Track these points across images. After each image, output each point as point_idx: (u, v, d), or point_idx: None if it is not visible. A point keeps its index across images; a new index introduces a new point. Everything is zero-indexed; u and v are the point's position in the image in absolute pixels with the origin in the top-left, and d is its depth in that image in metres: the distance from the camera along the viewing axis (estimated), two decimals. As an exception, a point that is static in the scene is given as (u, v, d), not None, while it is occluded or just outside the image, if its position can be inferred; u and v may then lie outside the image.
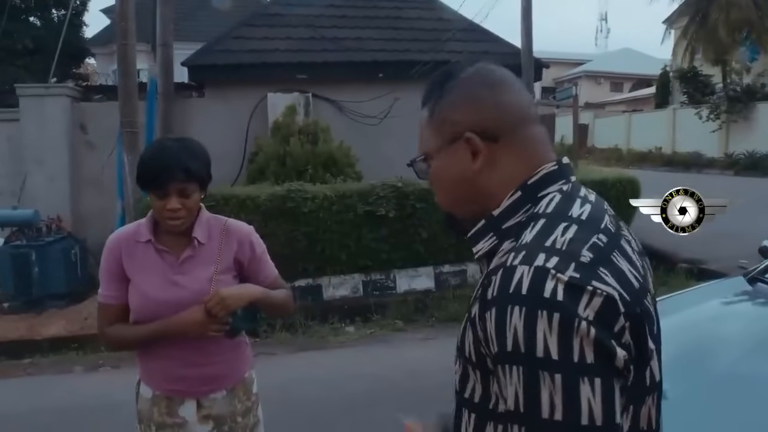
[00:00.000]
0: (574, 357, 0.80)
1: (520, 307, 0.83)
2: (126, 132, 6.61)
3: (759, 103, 23.69)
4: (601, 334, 0.82)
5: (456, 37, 9.08)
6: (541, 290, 0.83)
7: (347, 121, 8.52)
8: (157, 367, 1.95)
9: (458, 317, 6.04)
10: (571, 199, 0.99)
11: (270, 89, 8.27)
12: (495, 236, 1.02)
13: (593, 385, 0.80)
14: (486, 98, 1.04)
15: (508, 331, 0.84)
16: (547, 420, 0.80)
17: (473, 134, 1.03)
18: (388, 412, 3.90)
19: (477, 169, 1.03)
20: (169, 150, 1.84)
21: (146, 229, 1.94)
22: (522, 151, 1.04)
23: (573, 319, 0.81)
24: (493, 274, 0.90)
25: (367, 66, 8.68)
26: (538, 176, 1.02)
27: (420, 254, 6.84)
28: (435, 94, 1.10)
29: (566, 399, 0.79)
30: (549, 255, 0.87)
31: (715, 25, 23.90)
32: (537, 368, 0.81)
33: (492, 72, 1.07)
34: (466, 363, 0.99)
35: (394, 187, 6.71)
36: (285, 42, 8.63)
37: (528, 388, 0.82)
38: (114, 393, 4.44)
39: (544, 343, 0.81)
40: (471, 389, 0.99)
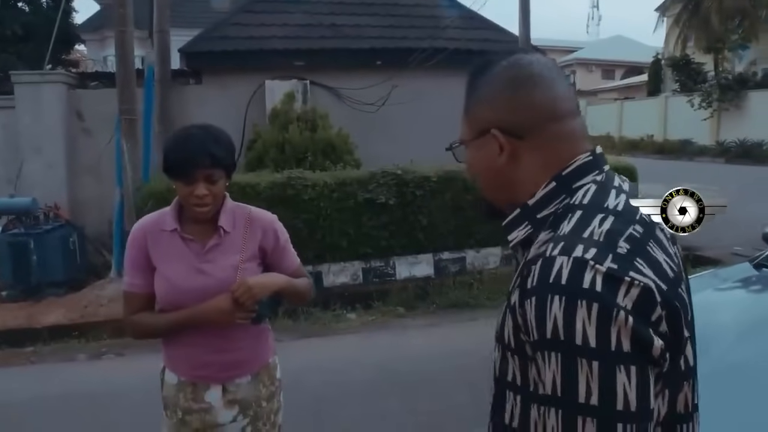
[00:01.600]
0: (611, 345, 0.83)
1: (560, 296, 0.86)
2: (124, 119, 6.58)
3: (750, 91, 23.82)
4: (638, 323, 0.84)
5: (454, 25, 9.06)
6: (580, 281, 0.86)
7: (345, 108, 8.51)
8: (183, 354, 1.96)
9: (458, 304, 6.12)
10: (606, 190, 1.01)
11: (268, 76, 8.24)
12: (530, 225, 1.04)
13: (629, 372, 0.83)
14: (513, 96, 1.06)
15: (548, 319, 0.86)
16: (583, 404, 0.83)
17: (498, 131, 1.06)
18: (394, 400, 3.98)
19: (502, 163, 1.07)
20: (195, 137, 1.84)
21: (171, 218, 1.94)
22: (548, 147, 1.05)
23: (611, 309, 0.84)
24: (533, 263, 0.93)
25: (365, 53, 8.65)
26: (573, 167, 1.04)
27: (420, 241, 6.86)
28: (470, 86, 1.13)
29: (602, 385, 0.82)
30: (587, 246, 0.89)
31: (708, 13, 23.96)
32: (575, 355, 0.84)
33: (523, 68, 1.07)
34: (505, 349, 1.02)
35: (394, 175, 6.71)
36: (283, 29, 8.58)
37: (566, 374, 0.85)
38: (119, 380, 4.47)
39: (582, 332, 0.84)
40: (512, 374, 1.02)
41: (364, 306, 6.13)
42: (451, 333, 5.38)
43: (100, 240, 7.55)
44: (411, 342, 4.98)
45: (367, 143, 7.97)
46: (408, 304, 6.17)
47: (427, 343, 5.04)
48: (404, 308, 6.09)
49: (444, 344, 5.00)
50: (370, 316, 5.90)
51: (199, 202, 1.84)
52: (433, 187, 6.80)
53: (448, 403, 3.95)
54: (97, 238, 7.57)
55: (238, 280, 1.85)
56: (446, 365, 4.49)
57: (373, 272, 6.70)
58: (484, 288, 6.45)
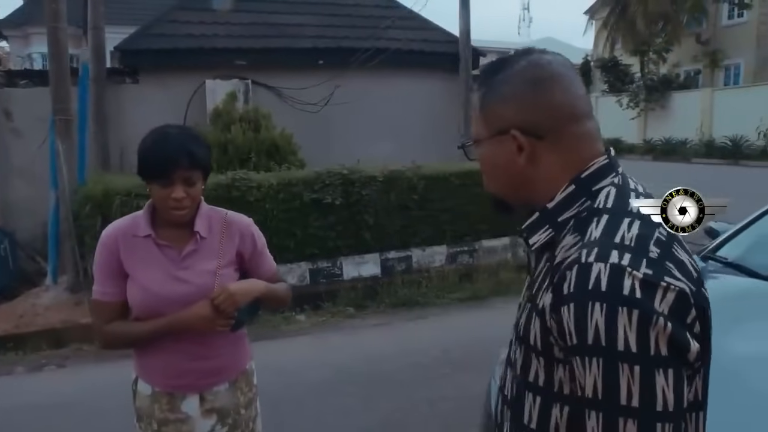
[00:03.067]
0: (650, 350, 0.86)
1: (601, 303, 0.87)
2: (59, 119, 6.31)
3: (674, 92, 24.92)
4: (676, 328, 0.87)
5: (395, 25, 9.11)
6: (620, 288, 0.87)
7: (288, 108, 8.43)
8: (158, 363, 1.88)
9: (408, 302, 6.16)
10: (625, 192, 1.03)
11: (208, 75, 8.08)
12: (551, 229, 1.05)
13: (667, 375, 0.86)
14: (534, 97, 1.06)
15: (589, 326, 0.88)
16: (625, 406, 0.86)
17: (518, 131, 1.06)
18: (352, 399, 3.97)
19: (522, 164, 1.07)
20: (172, 137, 1.78)
21: (145, 223, 1.86)
22: (569, 147, 1.06)
23: (651, 316, 0.86)
24: (568, 269, 0.93)
25: (307, 53, 8.60)
26: (591, 170, 1.05)
27: (366, 241, 6.86)
28: (486, 83, 1.12)
29: (643, 388, 0.86)
30: (621, 252, 0.91)
31: (634, 17, 24.94)
32: (617, 360, 0.86)
33: (543, 68, 1.07)
34: (530, 350, 1.04)
35: (339, 175, 6.68)
36: (223, 27, 8.43)
37: (607, 378, 0.87)
38: (64, 392, 4.30)
39: (624, 338, 0.86)
40: (534, 374, 1.04)
41: (314, 307, 6.09)
42: (403, 331, 5.41)
43: (33, 246, 7.24)
44: (364, 341, 4.98)
45: (311, 144, 7.92)
46: (357, 303, 6.16)
47: (381, 342, 5.05)
48: (354, 308, 6.08)
49: (397, 343, 5.02)
50: (320, 317, 5.86)
51: (177, 206, 1.77)
52: (379, 187, 6.80)
53: (407, 401, 3.97)
54: (29, 243, 7.25)
55: (216, 287, 1.80)
56: (401, 363, 4.51)
57: (320, 273, 6.66)
58: (432, 286, 6.50)
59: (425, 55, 9.37)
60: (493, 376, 2.47)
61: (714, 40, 26.36)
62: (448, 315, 5.85)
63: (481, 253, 7.46)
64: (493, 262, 7.33)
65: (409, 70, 9.15)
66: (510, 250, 7.63)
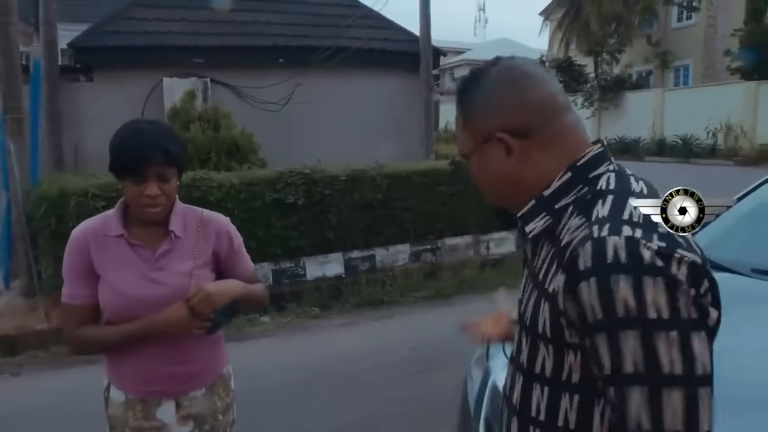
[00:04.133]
0: (683, 314, 0.86)
1: (626, 275, 0.86)
2: (10, 118, 6.09)
3: (627, 92, 25.49)
4: (697, 294, 0.88)
5: (356, 24, 9.08)
6: (640, 257, 0.87)
7: (247, 107, 8.34)
8: (132, 369, 1.80)
9: (373, 302, 6.14)
10: (625, 176, 1.04)
11: (165, 73, 7.93)
12: (548, 216, 1.05)
13: (701, 338, 0.87)
14: (511, 98, 1.08)
15: (616, 298, 0.86)
16: (668, 375, 0.85)
17: (504, 134, 1.07)
18: (323, 400, 3.93)
19: (513, 165, 1.08)
20: (146, 131, 1.70)
21: (116, 222, 1.78)
22: (555, 141, 1.07)
23: (677, 281, 0.86)
24: (580, 246, 0.92)
25: (267, 51, 8.51)
26: (587, 158, 1.06)
27: (329, 241, 6.81)
28: (463, 99, 1.15)
29: (683, 353, 0.85)
30: (633, 227, 0.91)
31: (588, 18, 25.42)
32: (652, 329, 0.85)
33: (513, 70, 1.10)
34: (537, 339, 1.02)
35: (302, 174, 6.62)
36: (180, 24, 8.28)
37: (647, 349, 0.85)
38: (21, 401, 4.14)
39: (655, 306, 0.85)
40: (541, 364, 1.02)
41: (278, 308, 6.01)
42: (369, 331, 5.39)
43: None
44: (331, 342, 4.93)
45: (271, 143, 7.84)
46: (322, 303, 6.12)
47: (348, 342, 5.02)
48: (319, 308, 6.03)
49: (364, 342, 5.00)
50: (284, 318, 5.79)
51: (151, 203, 1.70)
52: (341, 187, 6.77)
53: (378, 401, 3.95)
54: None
55: (192, 288, 1.74)
56: (370, 363, 4.49)
57: (283, 273, 6.59)
58: (396, 285, 6.50)
59: (386, 54, 9.38)
60: (469, 373, 2.46)
61: (664, 41, 27.08)
62: (414, 314, 5.85)
63: (444, 251, 7.50)
64: (456, 260, 7.37)
65: (370, 69, 9.14)
66: (472, 247, 7.69)
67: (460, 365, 4.27)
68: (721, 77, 23.57)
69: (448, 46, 44.80)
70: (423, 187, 7.22)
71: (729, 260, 2.53)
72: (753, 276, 2.43)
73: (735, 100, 19.88)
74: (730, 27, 22.80)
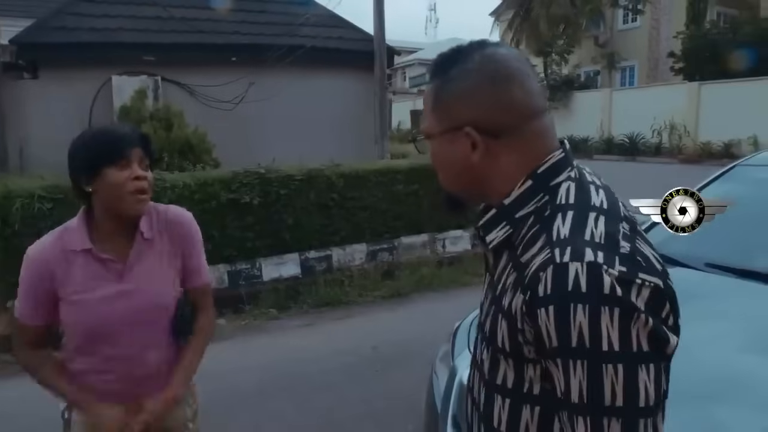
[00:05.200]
0: (633, 347, 0.85)
1: (583, 304, 0.85)
2: (-51, 117, 5.85)
3: (576, 92, 26.03)
4: (655, 323, 0.87)
5: (310, 22, 9.01)
6: (600, 286, 0.85)
7: (200, 106, 8.18)
8: (98, 392, 1.71)
9: (331, 302, 6.11)
10: (584, 186, 1.02)
11: (114, 71, 7.72)
12: (508, 225, 1.03)
13: (649, 370, 0.86)
14: (490, 95, 1.02)
15: (572, 328, 0.85)
16: (610, 407, 0.85)
17: (472, 129, 1.03)
18: (286, 401, 3.88)
19: (475, 161, 1.04)
20: (115, 124, 1.65)
21: (80, 235, 1.66)
22: (524, 145, 1.03)
23: (632, 312, 0.85)
24: (541, 270, 0.90)
25: (219, 49, 8.37)
26: (548, 165, 1.03)
27: (285, 241, 6.75)
28: (440, 77, 1.08)
29: (627, 386, 0.85)
30: (594, 250, 0.89)
31: (537, 19, 25.85)
32: (601, 361, 0.85)
33: (500, 63, 1.04)
34: (497, 352, 1.01)
35: (257, 174, 6.54)
36: (130, 20, 8.06)
37: (592, 380, 0.85)
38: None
39: (607, 337, 0.84)
40: (503, 376, 1.01)
41: (234, 310, 5.92)
42: (329, 331, 5.35)
43: None
44: (290, 343, 4.88)
45: (225, 142, 7.71)
46: (280, 305, 6.05)
47: (308, 343, 4.97)
48: (276, 309, 5.96)
49: (325, 343, 4.96)
50: (242, 320, 5.71)
51: (140, 187, 1.60)
52: (297, 186, 6.71)
53: (342, 401, 3.93)
54: None
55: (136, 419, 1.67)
56: (332, 364, 4.46)
57: (239, 275, 6.49)
58: (354, 284, 6.48)
59: (340, 53, 9.34)
60: (434, 371, 2.47)
61: (611, 42, 27.78)
62: (373, 313, 5.84)
63: (401, 250, 7.52)
64: (412, 258, 7.40)
65: (325, 68, 9.09)
66: (429, 246, 7.73)
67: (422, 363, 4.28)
68: (664, 78, 24.32)
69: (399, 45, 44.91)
70: (379, 186, 7.23)
71: (683, 255, 2.59)
72: (707, 270, 2.50)
73: (678, 100, 20.52)
74: (673, 29, 23.55)
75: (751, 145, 17.05)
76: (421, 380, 3.97)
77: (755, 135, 16.97)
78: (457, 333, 2.54)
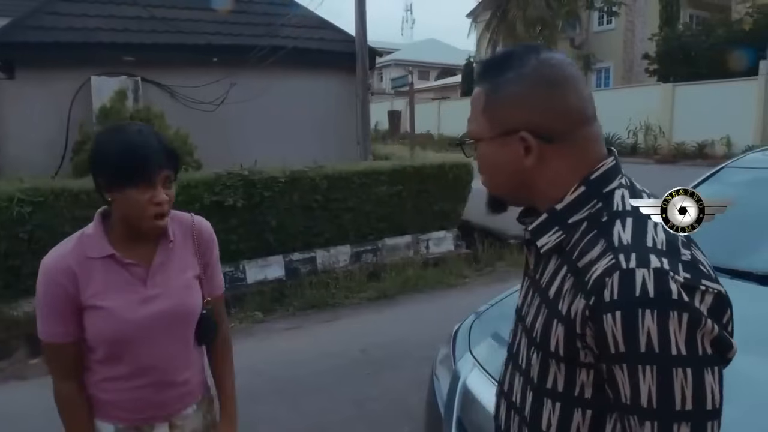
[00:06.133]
0: (699, 351, 0.86)
1: (652, 310, 0.86)
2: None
3: (552, 92, 26.22)
4: (719, 328, 0.88)
5: (292, 23, 8.97)
6: (668, 292, 0.87)
7: (181, 107, 8.10)
8: (123, 401, 1.66)
9: (317, 304, 6.08)
10: (638, 194, 1.04)
11: (93, 72, 7.60)
12: (561, 230, 1.03)
13: (714, 374, 0.87)
14: (546, 100, 1.03)
15: (640, 333, 0.86)
16: (680, 411, 0.86)
17: (528, 134, 1.03)
18: (277, 405, 3.86)
19: (528, 166, 1.05)
20: (146, 133, 1.56)
21: (100, 241, 1.60)
22: (576, 151, 1.04)
23: (700, 318, 0.87)
24: (606, 275, 0.90)
25: (200, 49, 8.28)
26: (600, 171, 1.04)
27: (269, 243, 6.72)
28: (492, 80, 1.08)
29: (695, 390, 0.86)
30: (658, 256, 0.90)
31: (514, 21, 25.99)
32: (671, 366, 0.86)
33: (556, 69, 1.05)
34: (548, 356, 1.01)
35: (240, 176, 6.51)
36: (108, 20, 7.95)
37: (662, 385, 0.86)
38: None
39: (675, 342, 0.86)
40: (553, 380, 1.01)
41: (219, 313, 5.87)
42: (316, 333, 5.33)
43: None
44: (278, 346, 4.85)
45: (207, 144, 7.63)
46: (265, 307, 6.01)
47: (296, 346, 4.95)
48: (262, 312, 5.92)
49: (313, 345, 4.94)
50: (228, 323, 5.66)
51: (160, 211, 1.55)
52: (281, 188, 6.68)
53: (333, 404, 3.92)
54: None
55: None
56: (321, 366, 4.45)
57: (224, 278, 6.43)
58: (340, 286, 6.46)
59: (322, 54, 9.31)
60: (435, 374, 2.47)
61: (587, 44, 28.04)
62: (360, 315, 5.83)
63: (385, 251, 7.52)
64: (396, 259, 7.41)
65: (306, 69, 9.05)
66: (412, 247, 7.75)
67: (412, 365, 4.31)
68: (639, 79, 24.64)
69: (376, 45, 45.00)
70: (363, 187, 7.22)
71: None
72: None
73: (653, 101, 20.77)
74: (647, 32, 23.87)
75: (724, 145, 17.35)
76: (412, 382, 3.99)
77: (728, 135, 17.24)
78: (456, 336, 2.54)
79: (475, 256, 7.89)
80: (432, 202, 7.81)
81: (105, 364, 1.64)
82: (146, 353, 1.63)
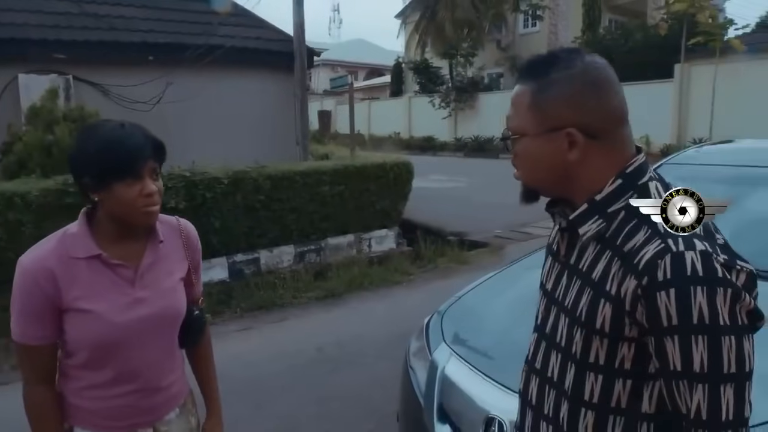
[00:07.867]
0: (738, 321, 1.01)
1: (702, 287, 0.99)
2: None
3: (481, 93, 26.86)
4: (753, 301, 1.03)
5: (229, 22, 8.87)
6: (714, 271, 1.00)
7: (115, 107, 7.85)
8: (105, 409, 1.62)
9: (265, 305, 6.06)
10: (668, 186, 1.16)
11: (21, 69, 7.30)
12: (601, 219, 1.14)
13: (749, 340, 1.02)
14: (593, 100, 1.13)
15: (693, 307, 0.99)
16: (726, 374, 0.99)
17: (576, 131, 1.13)
18: (238, 407, 3.83)
19: (571, 160, 1.15)
20: (131, 126, 1.54)
21: (85, 241, 1.55)
22: (615, 147, 1.16)
23: (740, 292, 1.01)
24: (658, 257, 1.02)
25: (135, 47, 8.08)
26: (634, 166, 1.16)
27: (213, 245, 6.63)
28: (539, 79, 1.16)
29: (738, 355, 0.99)
30: (701, 240, 1.03)
31: (443, 23, 26.45)
32: (720, 334, 0.99)
33: (599, 71, 1.15)
34: (593, 333, 1.12)
35: (182, 177, 6.39)
36: (37, 15, 7.63)
37: (713, 352, 0.99)
38: None
39: (721, 314, 0.99)
40: (595, 354, 1.13)
41: (165, 317, 5.76)
42: (268, 334, 5.30)
43: None
44: (231, 348, 4.77)
45: (144, 144, 7.44)
46: (212, 309, 5.92)
47: (249, 348, 4.90)
48: (210, 315, 5.84)
49: (266, 346, 4.92)
50: (208, 324, 5.57)
51: (150, 202, 1.52)
52: (224, 189, 6.61)
53: (295, 404, 3.92)
54: None
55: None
56: (278, 367, 4.44)
57: (166, 280, 6.32)
58: (287, 287, 6.45)
59: (259, 53, 9.24)
60: (410, 366, 2.54)
61: (513, 46, 28.79)
62: (310, 314, 5.84)
63: (328, 251, 7.55)
64: (340, 258, 7.45)
65: (244, 68, 8.96)
66: (355, 246, 7.81)
67: (367, 362, 4.38)
68: (562, 80, 25.46)
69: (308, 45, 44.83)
70: (306, 187, 7.23)
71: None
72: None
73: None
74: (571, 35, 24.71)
75: (644, 144, 18.23)
76: (372, 379, 4.06)
77: (647, 135, 18.11)
78: (429, 329, 2.63)
79: (417, 253, 8.03)
80: (374, 201, 7.89)
81: (86, 369, 1.59)
82: (133, 357, 1.60)
